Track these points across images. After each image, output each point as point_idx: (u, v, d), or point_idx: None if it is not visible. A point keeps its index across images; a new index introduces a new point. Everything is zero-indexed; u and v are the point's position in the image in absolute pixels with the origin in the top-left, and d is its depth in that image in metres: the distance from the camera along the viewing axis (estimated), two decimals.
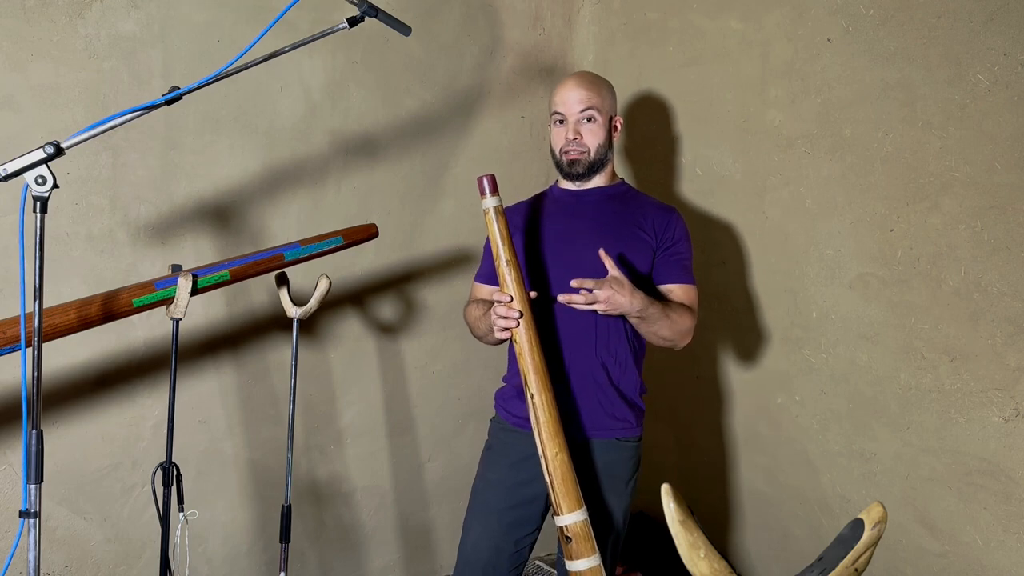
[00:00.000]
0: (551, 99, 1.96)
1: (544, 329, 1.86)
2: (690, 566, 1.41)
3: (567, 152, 1.91)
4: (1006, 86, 1.79)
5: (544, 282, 1.90)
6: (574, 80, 1.93)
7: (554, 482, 1.71)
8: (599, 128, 1.90)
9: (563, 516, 1.70)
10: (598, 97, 1.91)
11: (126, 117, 1.43)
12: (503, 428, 1.98)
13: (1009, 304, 1.82)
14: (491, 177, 1.74)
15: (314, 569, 2.54)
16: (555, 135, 1.94)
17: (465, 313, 2.04)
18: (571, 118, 1.90)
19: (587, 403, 1.88)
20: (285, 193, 2.35)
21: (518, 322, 1.71)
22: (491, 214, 1.73)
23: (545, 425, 1.71)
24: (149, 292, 1.78)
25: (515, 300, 1.72)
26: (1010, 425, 1.84)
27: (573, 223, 1.94)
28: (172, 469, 1.89)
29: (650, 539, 2.68)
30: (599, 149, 1.91)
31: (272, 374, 2.39)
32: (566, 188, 1.99)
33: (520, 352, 1.73)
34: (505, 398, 2.00)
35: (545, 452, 1.71)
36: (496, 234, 1.73)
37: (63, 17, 1.99)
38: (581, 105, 1.89)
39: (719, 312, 2.51)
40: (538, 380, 1.72)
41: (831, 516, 2.24)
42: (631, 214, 1.94)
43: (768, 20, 2.29)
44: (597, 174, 1.95)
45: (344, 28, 1.63)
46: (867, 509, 1.40)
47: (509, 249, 1.73)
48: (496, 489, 1.92)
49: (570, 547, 1.71)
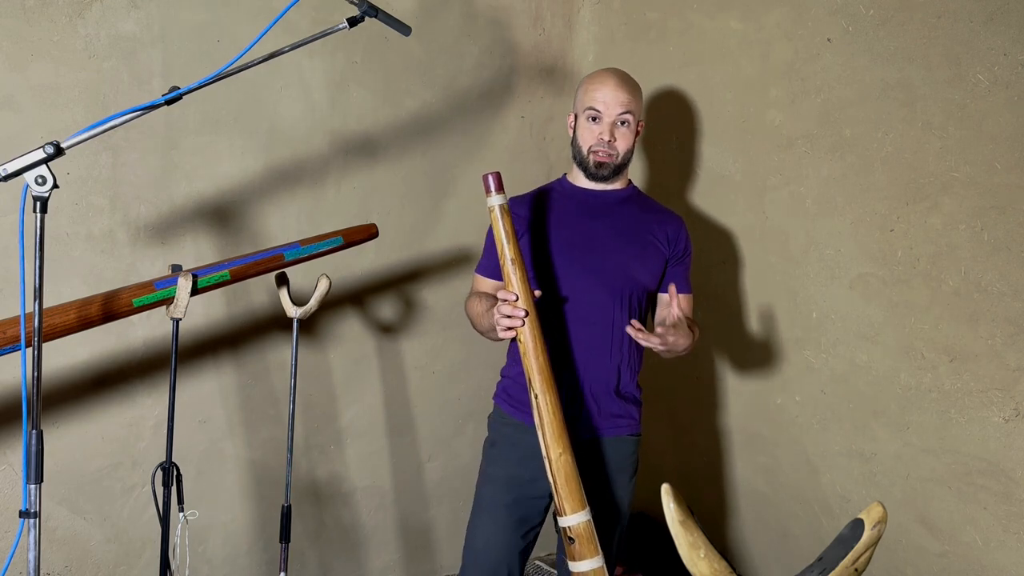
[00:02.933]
0: (585, 92, 1.88)
1: (555, 329, 1.86)
2: (690, 566, 1.41)
3: (596, 152, 1.87)
4: (1006, 86, 1.79)
5: (555, 282, 1.88)
6: (615, 79, 1.87)
7: (558, 483, 1.70)
8: (631, 132, 1.88)
9: (567, 517, 1.69)
10: (636, 101, 1.88)
11: (126, 117, 1.43)
12: (507, 423, 1.95)
13: (1009, 304, 1.82)
14: (496, 175, 1.72)
15: (314, 569, 2.54)
16: (585, 131, 1.88)
17: (467, 306, 1.97)
18: (608, 119, 1.85)
19: (600, 403, 1.89)
20: (285, 193, 2.35)
21: (523, 321, 1.68)
22: (496, 212, 1.71)
23: (549, 426, 1.70)
24: (149, 292, 1.78)
25: (520, 299, 1.69)
26: (1010, 425, 1.84)
27: (593, 225, 1.91)
28: (172, 469, 1.89)
29: (650, 539, 2.68)
30: (627, 153, 1.89)
31: (272, 374, 2.39)
32: (583, 187, 1.94)
33: (524, 352, 1.71)
34: (510, 392, 1.96)
35: (549, 453, 1.70)
36: (501, 232, 1.70)
37: (63, 17, 1.99)
38: (621, 108, 1.84)
39: (719, 312, 2.51)
40: (542, 381, 1.70)
41: (831, 516, 2.24)
42: (646, 222, 1.94)
43: (768, 20, 2.29)
44: (619, 176, 1.93)
45: (344, 28, 1.63)
46: (867, 509, 1.40)
47: (515, 248, 1.71)
48: (505, 486, 1.90)
49: (573, 548, 1.70)
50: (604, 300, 1.87)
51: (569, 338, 1.87)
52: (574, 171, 1.96)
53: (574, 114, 1.93)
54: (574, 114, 1.93)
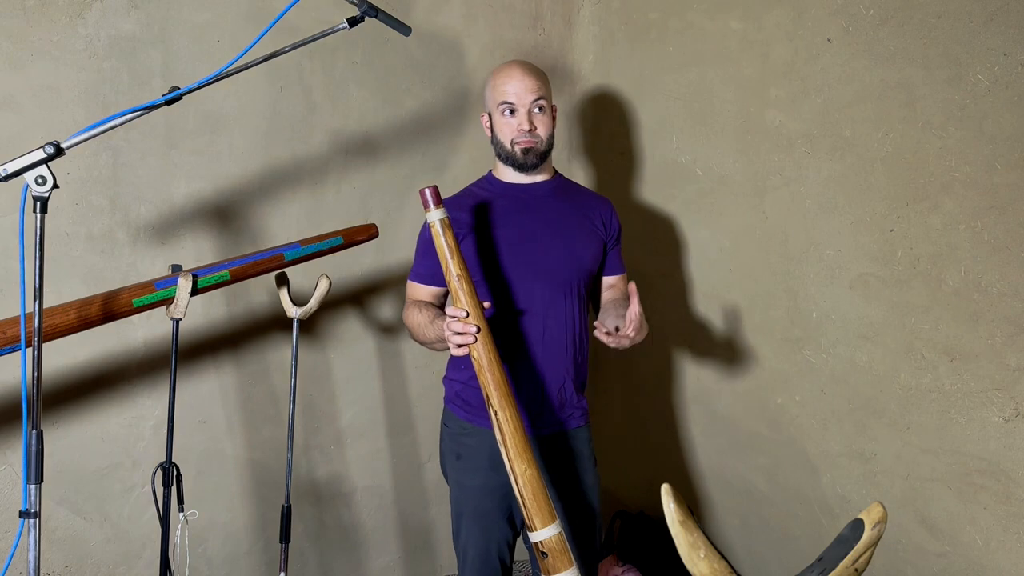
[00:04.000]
0: (494, 89, 1.89)
1: (509, 329, 1.86)
2: (690, 566, 1.41)
3: (519, 142, 1.87)
4: (1006, 86, 1.79)
5: (504, 282, 1.88)
6: (521, 69, 1.89)
7: (525, 498, 1.65)
8: (548, 117, 1.90)
9: (537, 532, 1.65)
10: (545, 87, 1.91)
11: (126, 117, 1.43)
12: (466, 432, 1.93)
13: (1009, 304, 1.82)
14: (434, 188, 1.68)
15: (314, 569, 2.54)
16: (503, 126, 1.89)
17: (405, 316, 1.95)
18: (523, 108, 1.87)
19: (561, 397, 1.91)
20: (285, 193, 2.35)
21: (475, 338, 1.65)
22: (437, 227, 1.67)
23: (511, 441, 1.65)
24: (149, 292, 1.78)
25: (471, 315, 1.65)
26: (1010, 425, 1.84)
27: (528, 220, 1.91)
28: (172, 469, 1.89)
29: (650, 539, 2.68)
30: (549, 138, 1.91)
31: (272, 374, 2.39)
32: (510, 182, 1.95)
33: (479, 368, 1.66)
34: (464, 397, 1.94)
35: (514, 468, 1.65)
36: (445, 248, 1.67)
37: (63, 17, 1.99)
38: (533, 95, 1.87)
39: (719, 312, 2.51)
40: (500, 396, 1.66)
41: (831, 516, 2.24)
42: (579, 207, 1.97)
43: (768, 20, 2.29)
44: (543, 165, 1.95)
45: (344, 28, 1.63)
46: (867, 509, 1.39)
47: (459, 263, 1.67)
48: (483, 491, 1.91)
49: (546, 562, 1.65)
50: (552, 294, 1.88)
51: (524, 336, 1.88)
52: (500, 168, 1.96)
53: (487, 114, 1.94)
54: (487, 114, 1.94)
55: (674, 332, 2.67)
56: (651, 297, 2.70)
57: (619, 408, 2.96)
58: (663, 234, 2.65)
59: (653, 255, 2.69)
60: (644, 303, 2.67)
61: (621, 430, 2.94)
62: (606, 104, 2.84)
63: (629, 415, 2.92)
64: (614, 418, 2.97)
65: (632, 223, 2.73)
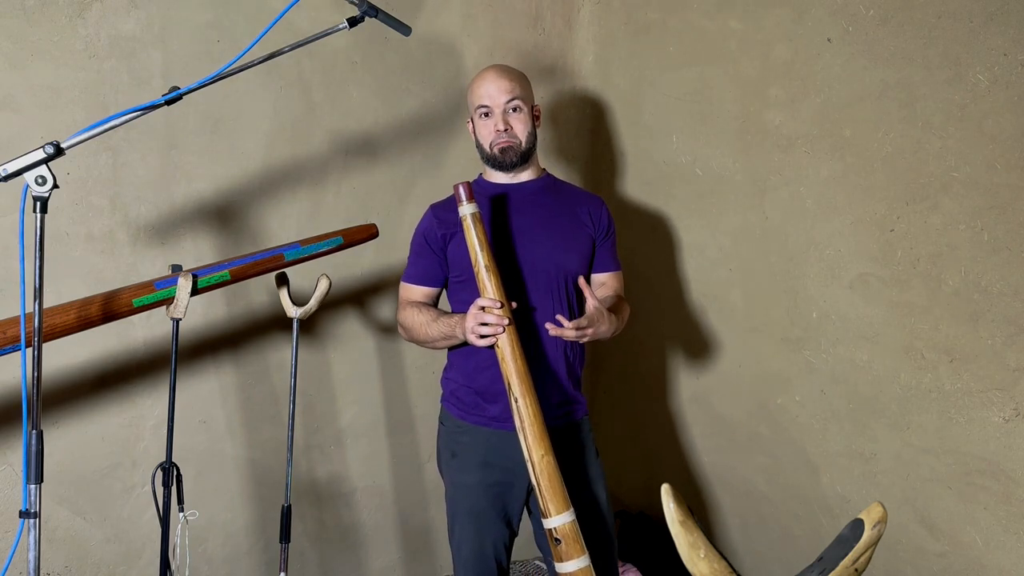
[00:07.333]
0: (472, 94, 1.94)
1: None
2: (690, 566, 1.41)
3: (497, 143, 1.91)
4: (1006, 86, 1.79)
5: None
6: (495, 71, 1.93)
7: (541, 484, 1.70)
8: (526, 116, 1.93)
9: (552, 518, 1.70)
10: (521, 87, 1.93)
11: (126, 117, 1.43)
12: (461, 430, 1.96)
13: (1009, 304, 1.82)
14: (467, 184, 1.76)
15: (314, 569, 2.54)
16: (482, 129, 1.93)
17: (402, 318, 1.98)
18: (497, 109, 1.90)
19: (560, 392, 1.93)
20: (285, 193, 2.35)
21: (504, 328, 1.71)
22: (469, 220, 1.75)
23: (530, 428, 1.71)
24: (149, 292, 1.78)
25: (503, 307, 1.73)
26: (1010, 425, 1.84)
27: (515, 220, 1.94)
28: (172, 469, 1.89)
29: (650, 539, 2.68)
30: (529, 137, 1.93)
31: (272, 374, 2.39)
32: (497, 182, 1.98)
33: (503, 358, 1.73)
34: (458, 396, 1.97)
35: (532, 455, 1.71)
36: (475, 241, 1.74)
37: (63, 17, 1.99)
38: (507, 96, 1.89)
39: (719, 312, 2.51)
40: (522, 384, 1.72)
41: (831, 516, 2.24)
42: (568, 205, 1.98)
43: (768, 20, 2.29)
44: (527, 164, 1.96)
45: (344, 28, 1.63)
46: (867, 509, 1.40)
47: (488, 254, 1.74)
48: (478, 489, 1.92)
49: (559, 549, 1.70)
50: (541, 292, 1.91)
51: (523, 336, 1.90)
52: (487, 170, 2.00)
53: (470, 119, 1.98)
54: (470, 119, 1.98)
55: (674, 332, 2.67)
56: (651, 297, 2.70)
57: (619, 408, 2.96)
58: (663, 234, 2.65)
59: (653, 255, 2.69)
60: (644, 303, 2.68)
61: (621, 430, 2.94)
62: (606, 104, 2.84)
63: (629, 415, 2.92)
64: (614, 418, 2.97)
65: (632, 223, 2.73)
